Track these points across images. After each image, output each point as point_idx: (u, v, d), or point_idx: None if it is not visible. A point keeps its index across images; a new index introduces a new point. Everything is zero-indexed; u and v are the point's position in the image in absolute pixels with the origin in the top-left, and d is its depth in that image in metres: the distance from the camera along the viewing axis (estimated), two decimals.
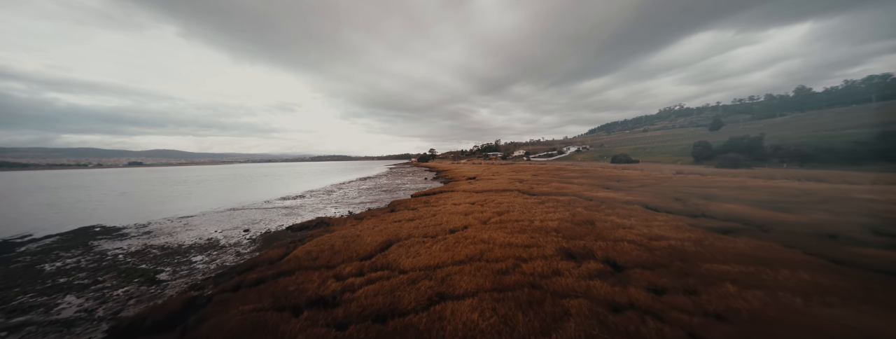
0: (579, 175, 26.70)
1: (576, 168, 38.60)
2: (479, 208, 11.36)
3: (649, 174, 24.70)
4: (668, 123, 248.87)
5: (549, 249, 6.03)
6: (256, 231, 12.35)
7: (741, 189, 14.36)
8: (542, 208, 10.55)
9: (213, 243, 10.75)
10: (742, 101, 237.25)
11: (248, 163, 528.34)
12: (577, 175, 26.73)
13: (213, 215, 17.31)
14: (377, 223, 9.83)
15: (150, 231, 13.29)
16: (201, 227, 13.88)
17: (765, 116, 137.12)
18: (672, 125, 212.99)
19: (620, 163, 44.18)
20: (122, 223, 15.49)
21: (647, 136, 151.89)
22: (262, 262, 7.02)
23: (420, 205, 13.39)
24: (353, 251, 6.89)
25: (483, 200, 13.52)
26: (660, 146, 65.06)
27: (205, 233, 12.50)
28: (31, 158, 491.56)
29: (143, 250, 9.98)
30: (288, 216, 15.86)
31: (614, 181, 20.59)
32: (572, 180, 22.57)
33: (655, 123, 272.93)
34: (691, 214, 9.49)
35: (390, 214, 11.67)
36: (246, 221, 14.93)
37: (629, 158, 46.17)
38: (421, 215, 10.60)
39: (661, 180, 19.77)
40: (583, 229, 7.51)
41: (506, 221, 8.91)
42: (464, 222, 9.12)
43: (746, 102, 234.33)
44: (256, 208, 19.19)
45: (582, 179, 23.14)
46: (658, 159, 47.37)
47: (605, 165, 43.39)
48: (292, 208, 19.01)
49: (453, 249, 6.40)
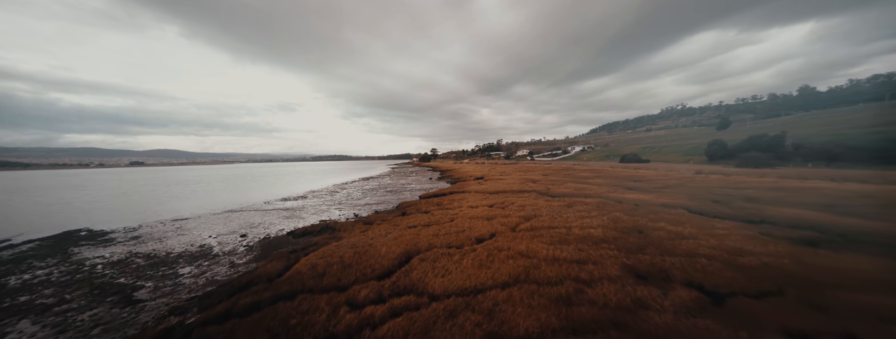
0: (592, 175, 25.52)
1: (585, 168, 37.43)
2: (501, 211, 10.21)
3: (667, 174, 23.51)
4: (670, 122, 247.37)
5: (610, 267, 4.87)
6: (254, 237, 11.24)
7: (778, 190, 13.17)
8: (574, 213, 9.39)
9: (206, 250, 9.64)
10: (745, 100, 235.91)
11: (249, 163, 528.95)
12: (591, 175, 25.55)
13: (209, 217, 16.22)
14: (390, 229, 8.69)
15: (139, 236, 12.19)
16: (195, 231, 12.78)
17: (769, 116, 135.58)
18: (675, 125, 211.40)
19: (631, 162, 42.94)
20: (110, 226, 14.42)
21: (651, 135, 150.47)
22: (259, 279, 5.90)
23: (433, 207, 12.25)
24: (367, 266, 5.76)
25: (501, 202, 12.38)
26: (669, 145, 63.70)
27: (198, 238, 11.39)
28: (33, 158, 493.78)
29: (127, 260, 8.88)
30: (289, 219, 14.75)
31: (633, 182, 19.42)
32: (588, 180, 21.40)
33: (657, 123, 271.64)
34: (747, 219, 8.32)
35: (402, 218, 10.54)
36: (243, 224, 13.83)
37: (639, 157, 44.88)
38: (437, 220, 9.46)
39: (685, 181, 18.57)
40: (636, 240, 6.36)
41: (538, 228, 7.76)
42: (489, 228, 7.97)
43: (749, 101, 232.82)
44: (255, 210, 18.10)
45: (597, 179, 21.96)
46: (669, 159, 46.06)
47: (614, 164, 42.16)
48: (293, 209, 17.91)
49: (489, 265, 5.26)
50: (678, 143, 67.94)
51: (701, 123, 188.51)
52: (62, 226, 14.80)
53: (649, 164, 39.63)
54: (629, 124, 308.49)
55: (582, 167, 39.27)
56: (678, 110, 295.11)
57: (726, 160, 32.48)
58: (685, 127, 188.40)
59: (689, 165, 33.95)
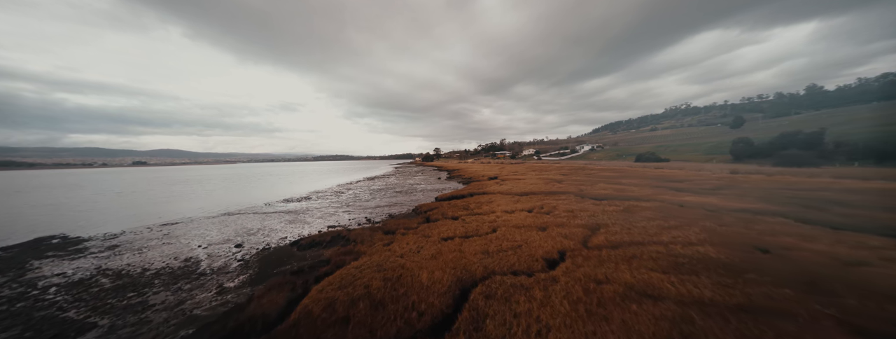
0: (618, 175, 23.62)
1: (602, 167, 35.48)
2: (549, 218, 8.38)
3: (699, 174, 21.58)
4: (675, 121, 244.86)
5: (824, 329, 3.03)
6: (251, 247, 9.45)
7: (853, 193, 11.26)
8: (645, 222, 7.54)
9: (191, 267, 7.86)
10: (751, 99, 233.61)
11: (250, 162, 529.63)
12: (616, 175, 23.65)
13: (203, 221, 14.47)
14: (420, 242, 6.87)
15: (118, 245, 10.43)
16: (183, 239, 11.02)
17: (777, 115, 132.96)
18: (680, 124, 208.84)
19: (649, 162, 40.90)
20: (91, 232, 12.68)
21: (657, 134, 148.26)
22: (249, 325, 4.09)
23: (461, 212, 10.42)
24: (407, 305, 3.95)
25: (539, 206, 10.54)
26: (684, 144, 61.33)
27: (184, 249, 9.62)
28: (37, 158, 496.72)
29: (90, 280, 7.11)
30: (292, 224, 12.95)
31: (671, 182, 17.52)
32: (618, 180, 19.50)
33: (662, 123, 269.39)
34: (878, 232, 6.46)
35: (428, 225, 8.72)
36: (240, 230, 12.06)
37: (657, 156, 42.80)
38: (475, 230, 7.63)
39: (731, 181, 16.64)
40: (777, 265, 4.51)
41: (619, 244, 5.91)
42: (551, 242, 6.14)
43: (755, 100, 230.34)
44: (255, 213, 16.34)
45: (627, 179, 20.06)
46: (689, 158, 43.94)
47: (630, 163, 40.19)
48: (296, 212, 16.12)
49: (602, 313, 3.43)
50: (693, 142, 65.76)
51: (707, 123, 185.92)
52: (37, 231, 13.08)
53: (670, 163, 37.62)
54: (632, 124, 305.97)
55: (598, 167, 37.34)
56: (682, 110, 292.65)
57: (755, 159, 30.49)
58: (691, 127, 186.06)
59: (716, 164, 31.96)
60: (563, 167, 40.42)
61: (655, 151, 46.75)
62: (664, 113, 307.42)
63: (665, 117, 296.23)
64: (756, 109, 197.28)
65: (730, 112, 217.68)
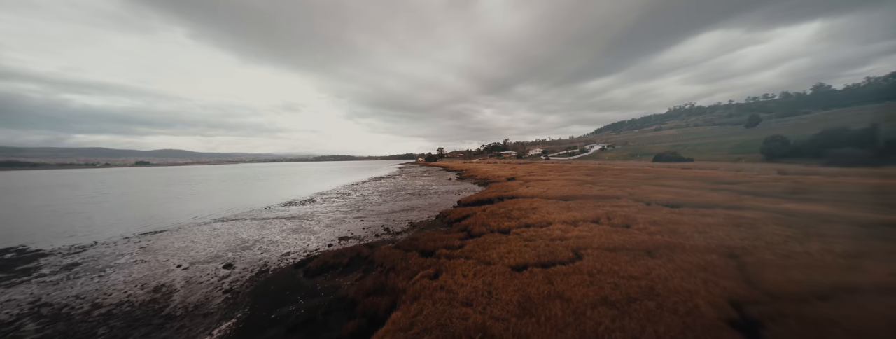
0: (652, 175, 21.35)
1: (623, 167, 33.15)
2: (644, 236, 6.19)
3: (743, 175, 19.28)
4: (680, 121, 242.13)
5: None
6: (244, 269, 7.34)
7: None
8: (793, 241, 5.36)
9: (158, 302, 5.74)
10: (756, 99, 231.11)
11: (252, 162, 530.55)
12: (650, 175, 21.39)
13: (193, 229, 12.38)
14: (483, 274, 4.72)
15: (78, 264, 8.34)
16: (162, 254, 8.92)
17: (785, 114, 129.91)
18: (685, 124, 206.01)
19: (670, 162, 38.52)
20: (56, 243, 10.61)
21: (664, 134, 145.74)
22: None
23: (506, 221, 8.24)
24: None
25: (603, 215, 8.36)
26: (704, 143, 58.50)
27: (159, 270, 7.52)
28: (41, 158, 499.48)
29: (12, 325, 5.02)
30: (295, 235, 10.81)
31: (720, 183, 15.27)
32: (659, 182, 17.24)
33: (666, 122, 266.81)
34: None
35: (473, 242, 6.55)
36: (233, 242, 9.94)
37: (678, 156, 40.39)
38: (549, 252, 5.47)
39: (800, 184, 14.37)
40: None
41: (823, 291, 3.74)
42: (698, 284, 3.99)
43: (761, 100, 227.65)
44: (252, 219, 14.25)
45: (668, 180, 17.78)
46: (712, 157, 41.49)
47: (650, 163, 37.90)
48: (300, 218, 14.00)
49: None
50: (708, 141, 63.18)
51: (714, 122, 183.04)
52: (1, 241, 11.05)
53: (696, 163, 35.28)
54: (636, 124, 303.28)
55: (618, 166, 35.05)
56: (687, 109, 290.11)
57: (791, 159, 28.17)
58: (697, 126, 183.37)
59: (749, 163, 29.64)
60: (578, 167, 38.19)
61: (676, 151, 44.32)
62: (668, 113, 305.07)
63: (669, 117, 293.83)
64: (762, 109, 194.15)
65: (736, 112, 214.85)
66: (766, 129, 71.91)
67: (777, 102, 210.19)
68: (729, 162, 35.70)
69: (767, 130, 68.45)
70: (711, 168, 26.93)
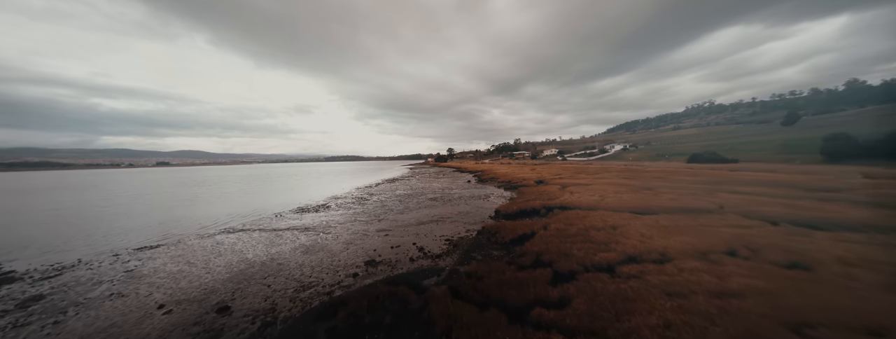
0: (710, 180, 18.59)
1: (662, 169, 30.15)
2: None
3: (822, 179, 16.37)
4: (699, 120, 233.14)
5: None
6: (241, 319, 5.33)
7: None
8: None
9: None
10: (782, 96, 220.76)
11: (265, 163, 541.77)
12: (709, 180, 18.63)
13: (193, 243, 10.62)
14: None
15: (42, 297, 6.58)
16: (146, 283, 7.09)
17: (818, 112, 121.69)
18: (706, 123, 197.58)
19: (710, 163, 35.20)
20: (34, 261, 8.99)
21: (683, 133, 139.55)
22: None
23: (597, 249, 6.03)
24: None
25: (731, 240, 6.06)
26: (744, 143, 53.98)
27: (131, 316, 5.62)
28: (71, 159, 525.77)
29: None
30: (311, 256, 8.85)
31: (809, 190, 12.59)
32: (734, 189, 14.60)
33: (683, 121, 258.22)
34: None
35: (570, 287, 4.35)
36: (235, 267, 8.04)
37: (720, 156, 36.88)
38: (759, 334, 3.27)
39: None
40: None
41: None
42: None
43: (787, 97, 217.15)
44: (260, 230, 12.45)
45: (743, 187, 15.10)
46: (757, 158, 37.78)
47: (690, 165, 34.68)
48: (315, 230, 12.09)
49: None
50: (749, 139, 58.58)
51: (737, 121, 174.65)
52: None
53: (742, 164, 31.95)
54: (651, 123, 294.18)
55: (654, 168, 32.01)
56: (706, 107, 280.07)
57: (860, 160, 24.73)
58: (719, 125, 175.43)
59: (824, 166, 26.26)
60: (606, 169, 35.35)
61: (714, 151, 40.68)
62: (685, 111, 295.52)
63: (686, 116, 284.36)
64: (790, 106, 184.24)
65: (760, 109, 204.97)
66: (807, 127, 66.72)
67: (806, 99, 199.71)
68: (777, 162, 32.22)
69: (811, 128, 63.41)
70: (770, 170, 23.84)
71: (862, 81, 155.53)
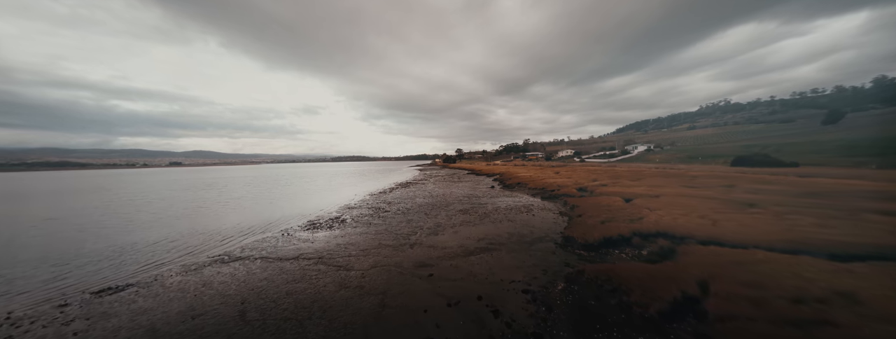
0: (808, 192, 15.20)
1: (715, 174, 26.49)
2: None
3: None
4: (715, 119, 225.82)
5: None
6: None
7: None
8: None
9: None
10: (803, 94, 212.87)
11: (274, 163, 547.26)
12: (807, 192, 15.26)
13: (171, 283, 7.83)
14: None
15: None
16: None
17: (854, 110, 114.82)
18: (722, 122, 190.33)
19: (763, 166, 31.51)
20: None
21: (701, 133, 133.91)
22: None
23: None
24: None
25: None
26: (789, 144, 49.43)
27: None
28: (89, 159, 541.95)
29: None
30: (327, 325, 6.00)
31: None
32: (886, 208, 11.29)
33: (698, 120, 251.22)
34: None
35: None
36: (223, 333, 5.28)
37: (777, 160, 33.05)
38: None
39: None
40: None
41: None
42: None
43: (809, 95, 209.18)
44: (264, 258, 9.65)
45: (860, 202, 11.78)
46: (817, 161, 33.79)
47: (741, 170, 31.03)
48: (329, 261, 9.18)
49: None
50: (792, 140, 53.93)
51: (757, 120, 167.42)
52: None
53: (804, 169, 28.20)
54: (663, 123, 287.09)
55: (703, 172, 28.38)
56: (721, 107, 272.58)
57: None
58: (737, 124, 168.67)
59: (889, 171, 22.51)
60: (641, 172, 31.87)
61: (766, 153, 36.65)
62: (699, 110, 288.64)
63: (701, 115, 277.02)
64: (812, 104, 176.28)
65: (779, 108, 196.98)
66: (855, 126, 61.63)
67: (829, 97, 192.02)
68: (844, 167, 28.38)
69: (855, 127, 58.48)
70: (857, 177, 20.21)
71: (891, 77, 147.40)
